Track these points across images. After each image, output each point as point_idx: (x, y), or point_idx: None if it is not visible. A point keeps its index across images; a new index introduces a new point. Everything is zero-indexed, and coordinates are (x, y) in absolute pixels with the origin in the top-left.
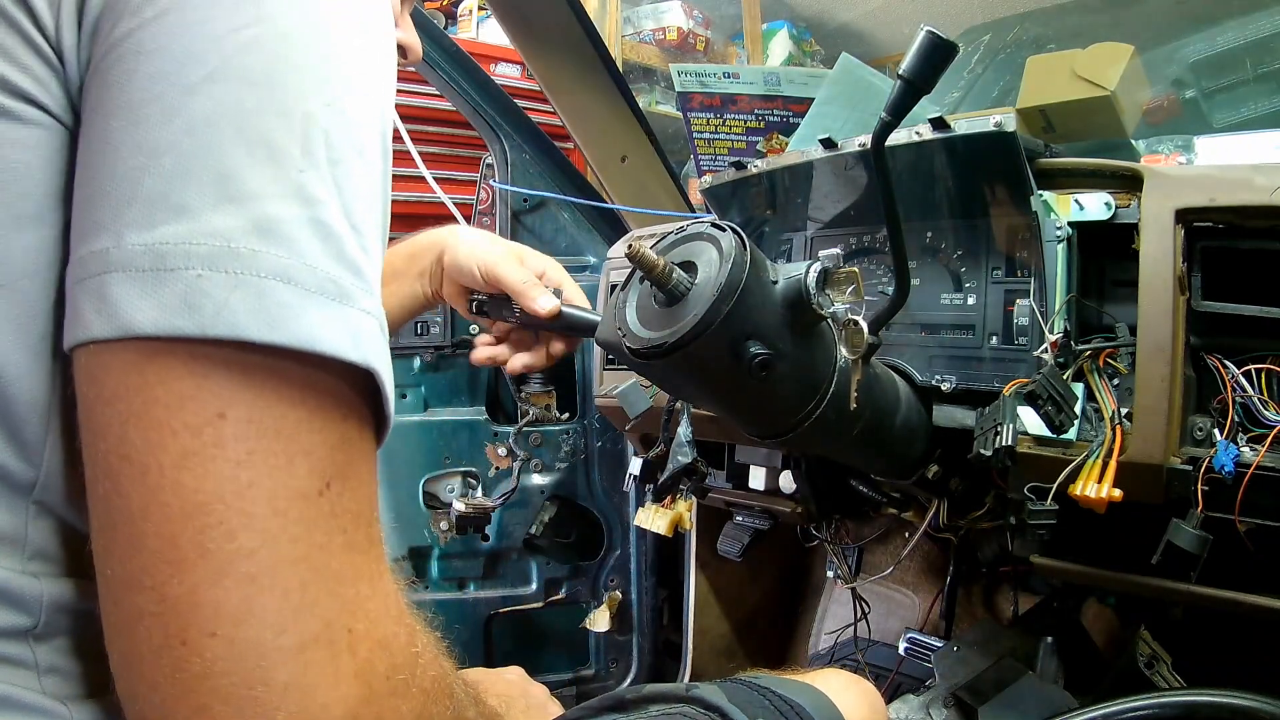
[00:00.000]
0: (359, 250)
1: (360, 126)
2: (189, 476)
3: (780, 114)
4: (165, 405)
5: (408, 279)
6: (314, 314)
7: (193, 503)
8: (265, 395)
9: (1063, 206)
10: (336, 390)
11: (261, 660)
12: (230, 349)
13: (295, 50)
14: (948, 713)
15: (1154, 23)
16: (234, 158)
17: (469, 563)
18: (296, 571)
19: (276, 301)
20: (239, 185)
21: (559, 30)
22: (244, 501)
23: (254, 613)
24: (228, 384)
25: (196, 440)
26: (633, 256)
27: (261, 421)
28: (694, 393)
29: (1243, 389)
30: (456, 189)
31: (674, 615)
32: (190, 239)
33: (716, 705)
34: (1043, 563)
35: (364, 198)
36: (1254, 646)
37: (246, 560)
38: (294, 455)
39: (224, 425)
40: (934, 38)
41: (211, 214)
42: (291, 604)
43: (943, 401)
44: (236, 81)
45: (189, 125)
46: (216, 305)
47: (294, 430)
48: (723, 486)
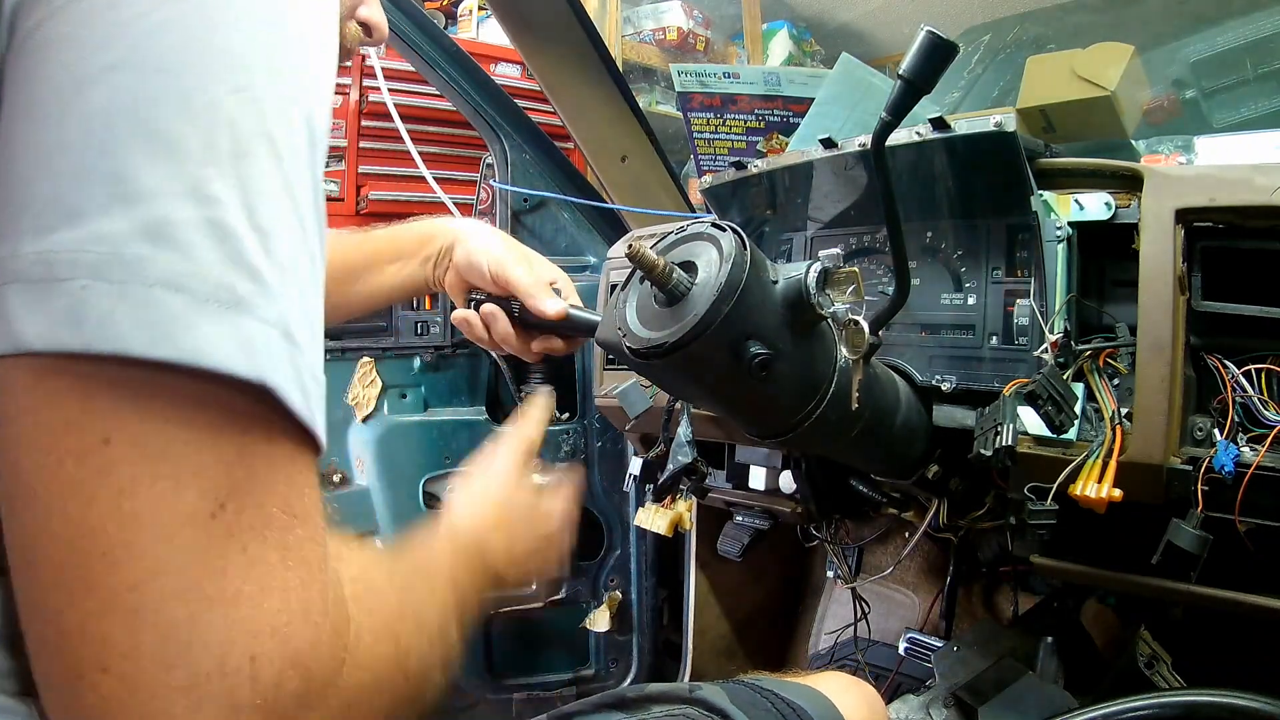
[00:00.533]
0: (261, 253)
1: (274, 116)
2: (74, 506)
3: (780, 114)
4: (52, 431)
5: (414, 261)
6: (205, 326)
7: (78, 533)
8: (151, 416)
9: (1063, 206)
10: (231, 404)
11: (153, 698)
12: (116, 366)
13: (206, 32)
14: (948, 713)
15: (1154, 23)
16: (128, 154)
17: None
18: (185, 603)
19: (164, 313)
20: (132, 185)
21: (559, 30)
22: (127, 532)
23: (141, 649)
24: (113, 406)
25: (81, 469)
26: (633, 256)
27: (146, 445)
28: (694, 393)
29: (1243, 389)
30: (456, 189)
31: (674, 615)
32: (79, 246)
33: (720, 708)
34: (1043, 563)
35: (272, 195)
36: (1254, 646)
37: (131, 594)
38: (181, 478)
39: (108, 451)
40: (934, 38)
41: (100, 218)
42: (180, 639)
43: (943, 401)
44: (138, 69)
45: (85, 120)
46: (100, 318)
47: (182, 452)
48: (723, 486)
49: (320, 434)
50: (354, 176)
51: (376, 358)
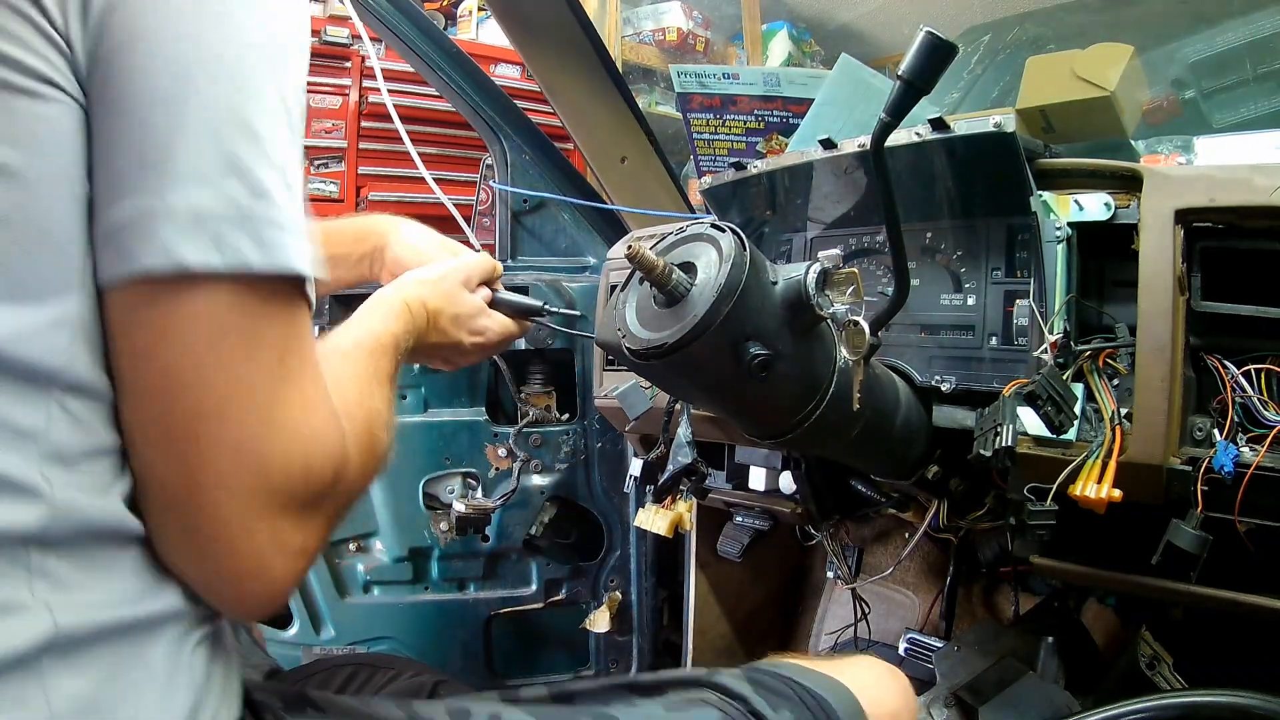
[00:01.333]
0: (297, 193)
1: (291, 97)
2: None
3: (780, 114)
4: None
5: (350, 262)
6: (290, 245)
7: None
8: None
9: (1063, 207)
10: (290, 293)
11: (244, 495)
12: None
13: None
14: (949, 712)
15: (1154, 23)
16: (235, 142)
17: (469, 563)
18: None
19: (269, 241)
20: (240, 162)
21: (559, 30)
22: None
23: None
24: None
25: (211, 353)
26: (632, 257)
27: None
28: (694, 393)
29: (1242, 389)
30: (456, 189)
31: (674, 615)
32: (214, 200)
33: (740, 693)
34: (1043, 563)
35: (296, 157)
36: (1254, 646)
37: (236, 428)
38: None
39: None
40: (934, 38)
41: (223, 182)
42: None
43: (943, 402)
44: (225, 81)
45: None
46: (234, 247)
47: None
48: (723, 487)
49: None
50: (354, 177)
51: None
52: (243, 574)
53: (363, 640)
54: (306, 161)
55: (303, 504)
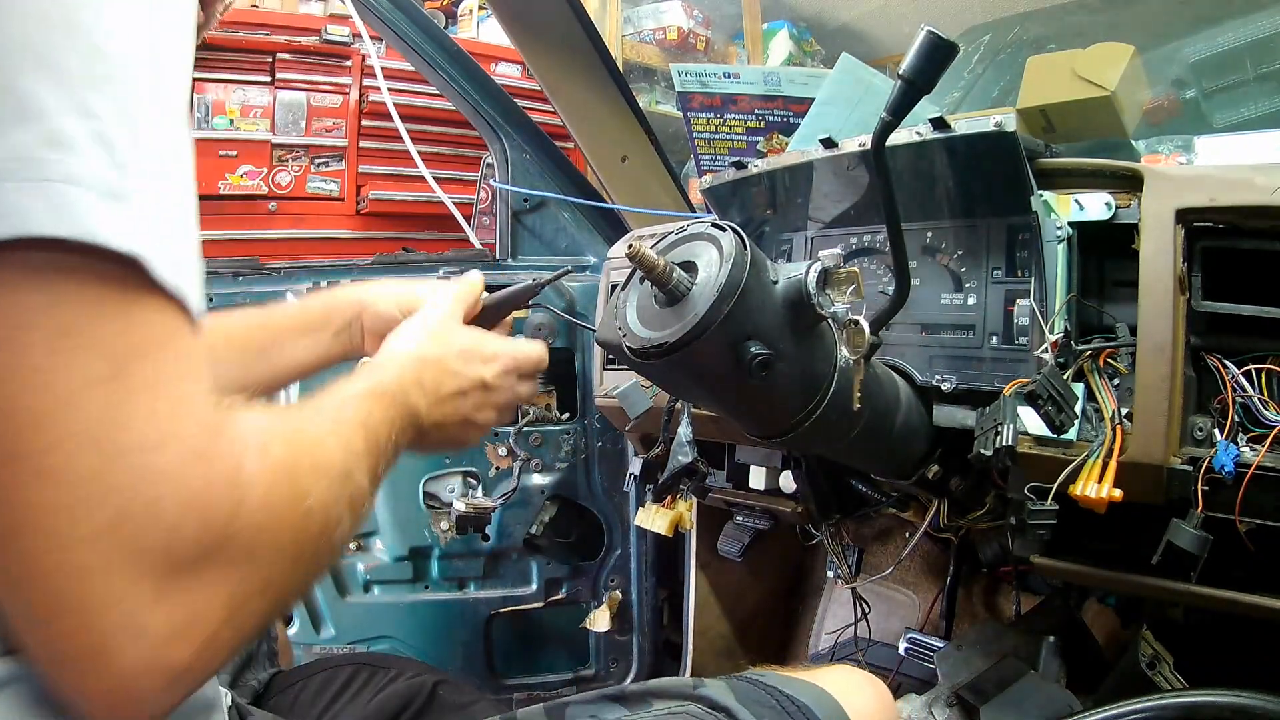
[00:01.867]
0: (134, 152)
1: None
2: (11, 373)
3: (780, 114)
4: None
5: (326, 334)
6: (95, 211)
7: (5, 408)
8: (58, 300)
9: (1063, 206)
10: (119, 281)
11: (67, 551)
12: (26, 251)
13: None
14: (950, 712)
15: (1154, 23)
16: (28, 80)
17: (469, 563)
18: (92, 456)
19: (64, 201)
20: (33, 104)
21: (559, 30)
22: (42, 401)
23: (57, 504)
24: (27, 294)
25: (4, 353)
26: (633, 256)
27: (56, 325)
28: (694, 393)
29: (1243, 389)
30: (456, 189)
31: (674, 615)
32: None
33: (724, 705)
34: (1043, 563)
35: (144, 100)
36: (1254, 646)
37: (45, 455)
38: (85, 348)
39: (23, 335)
40: (934, 38)
41: (9, 131)
42: (88, 490)
43: (943, 401)
44: (33, 19)
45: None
46: (13, 208)
47: (84, 326)
48: (723, 486)
49: (191, 301)
50: (354, 176)
51: None
52: (80, 659)
53: (363, 639)
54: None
55: (165, 567)
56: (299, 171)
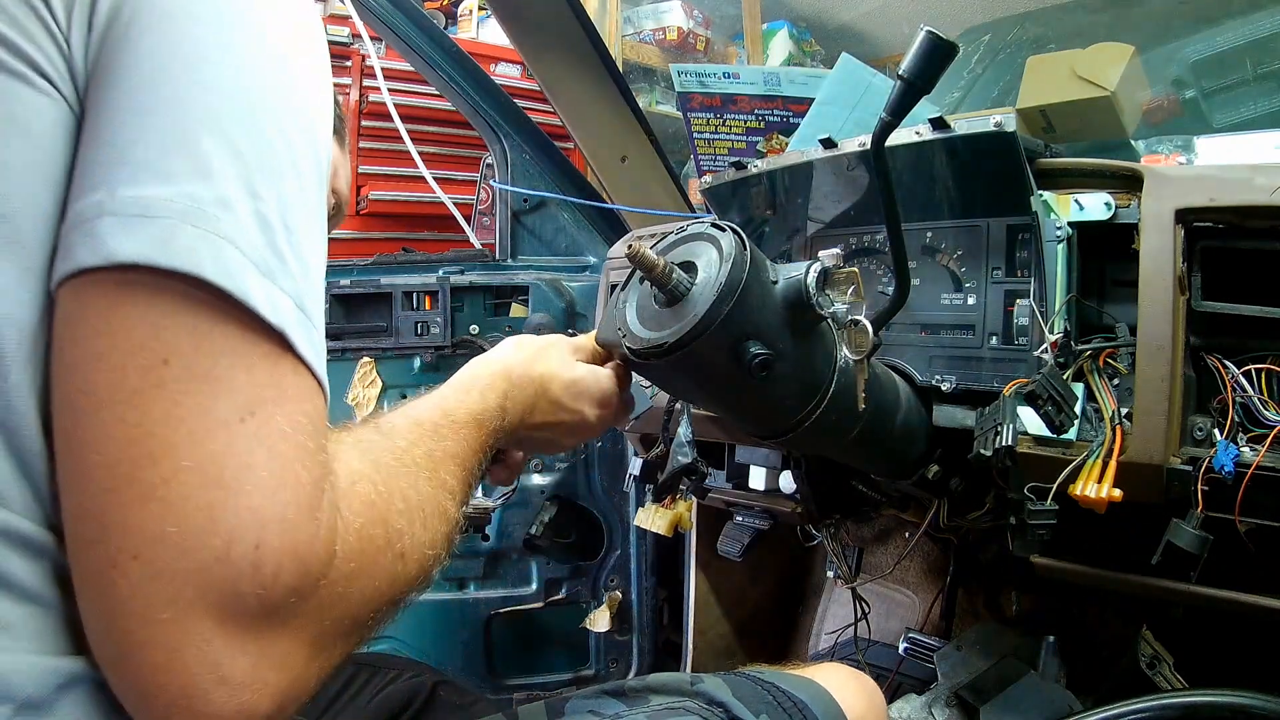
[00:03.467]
0: (287, 245)
1: (301, 156)
2: (132, 412)
3: (780, 114)
4: (125, 350)
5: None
6: (250, 277)
7: (131, 435)
8: (202, 342)
9: (1063, 206)
10: (261, 344)
11: (169, 582)
12: (184, 288)
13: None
14: (950, 711)
15: (1154, 23)
16: (207, 145)
17: (469, 563)
18: (207, 491)
19: (228, 258)
20: (209, 166)
21: (559, 30)
22: (171, 434)
23: (166, 535)
24: (174, 331)
25: (144, 381)
26: (633, 257)
27: (196, 366)
28: (694, 393)
29: (1243, 389)
30: (456, 189)
31: (674, 615)
32: (171, 198)
33: (721, 700)
34: (1043, 563)
35: (297, 205)
36: (1254, 646)
37: (164, 486)
38: (219, 392)
39: (166, 370)
40: (934, 38)
41: (187, 183)
42: (199, 523)
43: (943, 401)
44: (212, 90)
45: (173, 114)
46: (186, 248)
47: (222, 372)
48: (723, 486)
49: (323, 379)
50: (354, 176)
51: (377, 358)
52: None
53: None
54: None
55: (256, 612)
56: None
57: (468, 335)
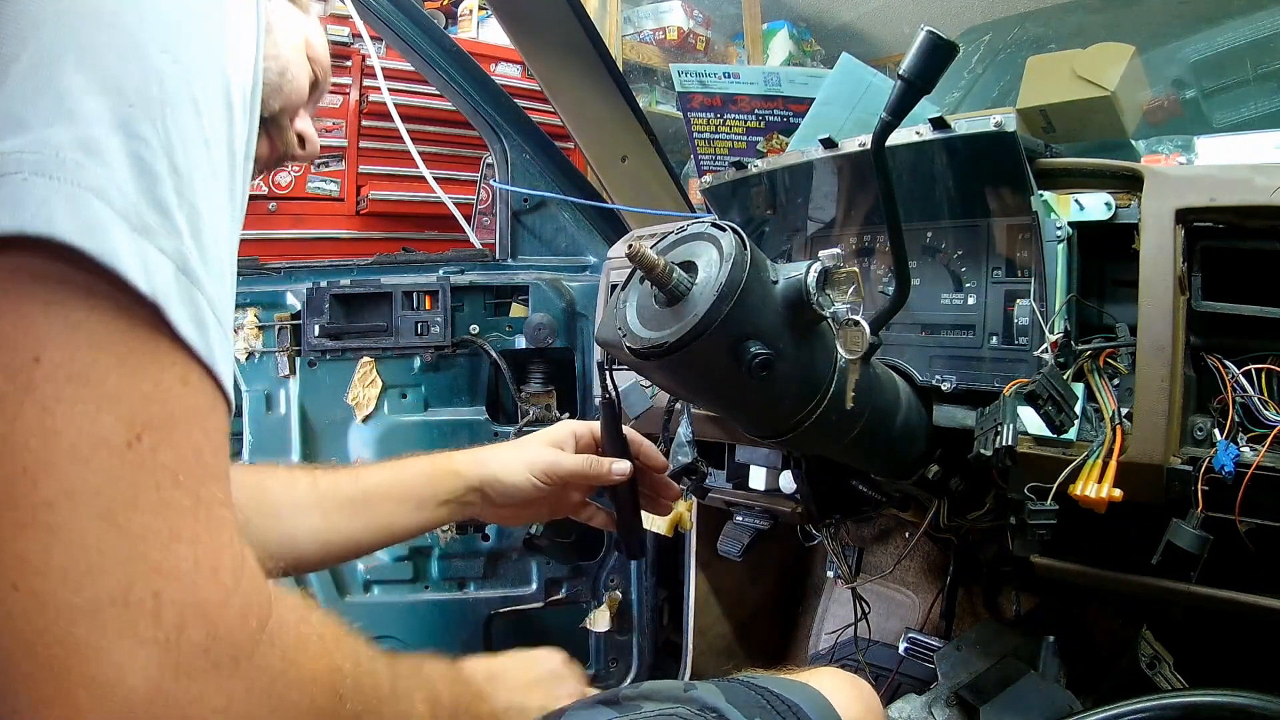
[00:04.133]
0: (173, 193)
1: (199, 81)
2: (2, 423)
3: (780, 114)
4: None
5: (426, 507)
6: (119, 235)
7: (2, 449)
8: (78, 337)
9: (1063, 206)
10: (151, 339)
11: (59, 617)
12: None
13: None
14: (950, 712)
15: (1154, 23)
16: (72, 82)
17: (469, 563)
18: (96, 527)
19: (90, 213)
20: (73, 105)
21: (559, 30)
22: (48, 450)
23: (51, 566)
24: (44, 320)
25: (11, 384)
26: (633, 256)
27: (71, 366)
28: (694, 393)
29: (1243, 389)
30: (456, 189)
31: (674, 615)
32: (23, 149)
33: (714, 706)
34: (1043, 563)
35: (191, 145)
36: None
37: (47, 510)
38: (101, 403)
39: (37, 369)
40: (934, 38)
41: (44, 128)
42: (89, 560)
43: (943, 401)
44: (88, 18)
45: (36, 54)
46: (37, 204)
47: (103, 376)
48: (723, 486)
49: (220, 371)
50: (354, 176)
51: (376, 358)
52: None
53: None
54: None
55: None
56: (299, 171)
57: (468, 335)
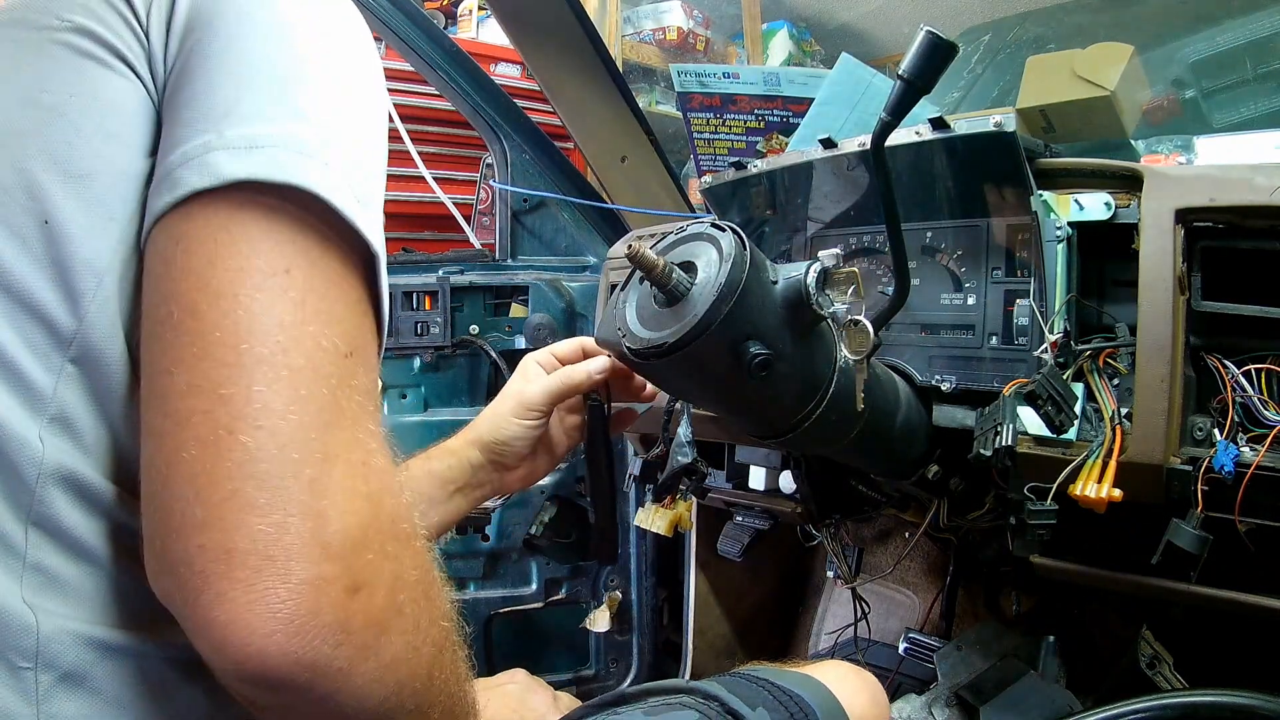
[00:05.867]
0: (369, 190)
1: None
2: (259, 304)
3: (780, 114)
4: (246, 254)
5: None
6: (350, 202)
7: (260, 323)
8: (319, 265)
9: (1063, 206)
10: (362, 278)
11: (295, 454)
12: (299, 211)
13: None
14: (950, 712)
15: (1154, 23)
16: (303, 101)
17: (469, 563)
18: (330, 401)
19: (330, 179)
20: (306, 114)
21: (559, 30)
22: (297, 332)
23: (295, 414)
24: (294, 247)
25: (269, 280)
26: (633, 257)
27: (312, 284)
28: (694, 393)
29: (1243, 389)
30: (456, 189)
31: (674, 615)
32: (276, 134)
33: (715, 695)
34: (1043, 563)
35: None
36: (1254, 646)
37: (294, 375)
38: (332, 317)
39: (289, 278)
40: (934, 38)
41: (290, 123)
42: (324, 419)
43: (943, 401)
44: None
45: (270, 77)
46: (294, 168)
47: (336, 297)
48: (723, 486)
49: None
50: None
51: None
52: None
53: None
54: None
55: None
56: None
57: (467, 335)
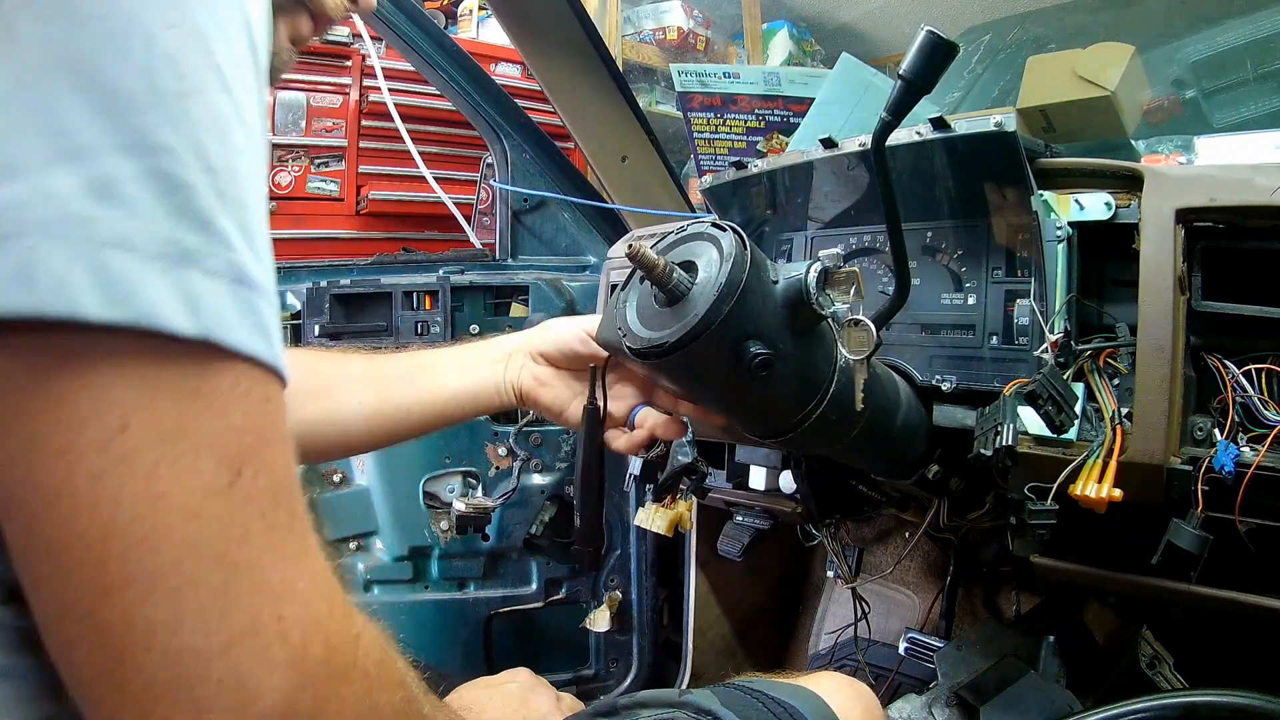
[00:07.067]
0: (212, 194)
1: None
2: (103, 500)
3: (780, 114)
4: (68, 427)
5: (480, 366)
6: (153, 285)
7: (111, 526)
8: (158, 394)
9: (1063, 206)
10: (226, 368)
11: (195, 663)
12: (97, 341)
13: None
14: (950, 712)
15: (1154, 23)
16: (68, 108)
17: (469, 563)
18: (219, 572)
19: (116, 273)
20: (74, 139)
21: (559, 30)
22: (160, 514)
23: (183, 621)
24: (121, 388)
25: (105, 458)
26: (633, 256)
27: (160, 425)
28: (694, 393)
29: (1243, 389)
30: (456, 189)
31: (674, 615)
32: (25, 202)
33: (709, 709)
34: (1043, 563)
35: (223, 128)
36: (1254, 646)
37: (170, 573)
38: (199, 450)
39: (127, 437)
40: (934, 38)
41: (44, 174)
42: (217, 606)
43: (943, 401)
44: (68, 17)
45: (20, 74)
46: (56, 280)
47: (194, 424)
48: (723, 486)
49: (278, 364)
50: (354, 176)
51: None
52: None
53: None
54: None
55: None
56: (299, 172)
57: (468, 335)
